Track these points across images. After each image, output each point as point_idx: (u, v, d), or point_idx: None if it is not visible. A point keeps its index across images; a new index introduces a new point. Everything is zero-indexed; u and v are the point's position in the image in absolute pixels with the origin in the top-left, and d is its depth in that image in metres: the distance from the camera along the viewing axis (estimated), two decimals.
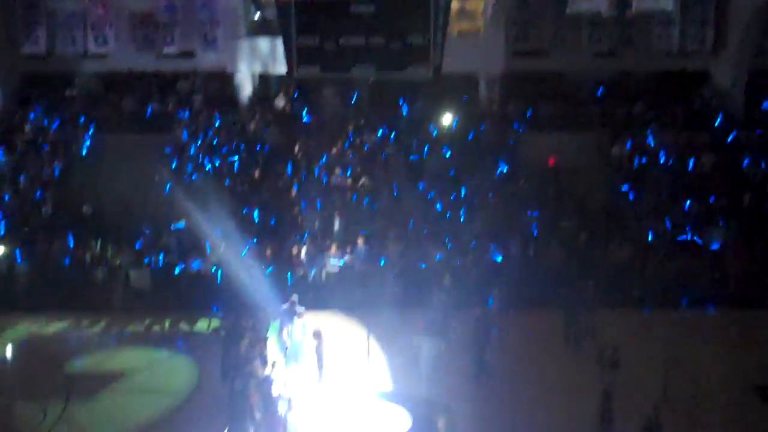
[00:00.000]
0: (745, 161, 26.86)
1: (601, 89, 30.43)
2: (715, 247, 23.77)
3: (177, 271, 23.45)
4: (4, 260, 23.91)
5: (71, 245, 24.23)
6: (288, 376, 16.74)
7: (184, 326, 21.92)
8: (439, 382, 17.32)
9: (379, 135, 28.51)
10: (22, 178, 26.97)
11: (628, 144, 27.75)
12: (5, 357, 20.84)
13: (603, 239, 24.33)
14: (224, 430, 15.19)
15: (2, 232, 24.88)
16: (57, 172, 27.77)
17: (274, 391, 14.93)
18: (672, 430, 15.24)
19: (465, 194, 25.94)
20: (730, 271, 23.19)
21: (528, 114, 29.72)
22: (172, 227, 24.97)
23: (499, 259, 23.39)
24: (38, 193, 26.55)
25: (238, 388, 15.45)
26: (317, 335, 17.37)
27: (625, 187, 26.58)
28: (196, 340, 20.95)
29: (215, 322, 21.52)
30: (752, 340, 20.37)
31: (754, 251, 23.63)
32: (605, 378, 16.21)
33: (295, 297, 18.86)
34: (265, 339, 17.91)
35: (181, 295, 23.10)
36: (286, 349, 17.91)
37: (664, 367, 17.83)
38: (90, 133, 29.67)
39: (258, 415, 14.60)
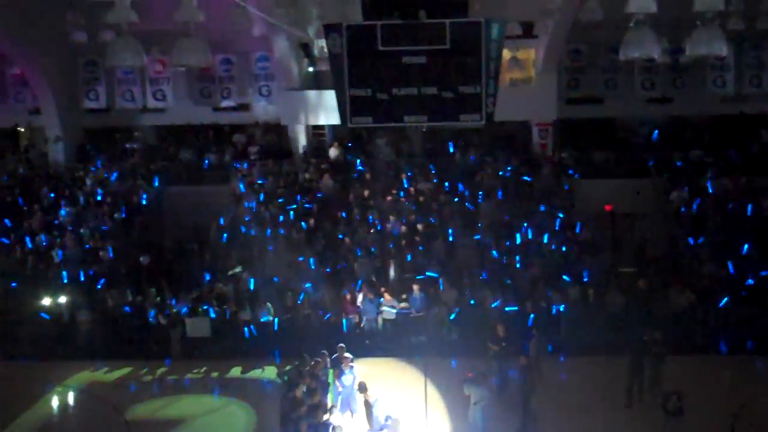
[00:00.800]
0: None
1: (656, 134, 30.29)
2: None
3: (233, 318, 23.57)
4: (66, 309, 24.37)
5: (130, 294, 24.55)
6: (343, 423, 16.65)
7: (241, 373, 21.97)
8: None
9: (432, 182, 28.63)
10: (83, 230, 27.58)
11: (686, 189, 27.44)
12: (67, 404, 21.07)
13: (663, 285, 23.94)
14: None
15: (64, 281, 25.36)
16: (117, 223, 28.32)
17: None
18: None
19: (521, 241, 25.81)
20: None
21: (582, 160, 29.65)
22: (229, 275, 25.22)
23: (559, 306, 23.10)
24: (99, 243, 27.07)
25: None
26: (362, 387, 17.25)
27: (684, 233, 26.22)
28: (254, 387, 20.97)
29: (272, 369, 21.56)
30: None
31: None
32: (670, 425, 15.83)
33: (342, 345, 18.81)
34: (323, 385, 17.84)
35: (238, 343, 23.23)
36: (339, 395, 17.82)
37: (730, 414, 17.45)
38: (149, 184, 30.31)
39: None
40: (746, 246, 24.64)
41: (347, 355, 18.23)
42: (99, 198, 29.30)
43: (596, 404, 18.89)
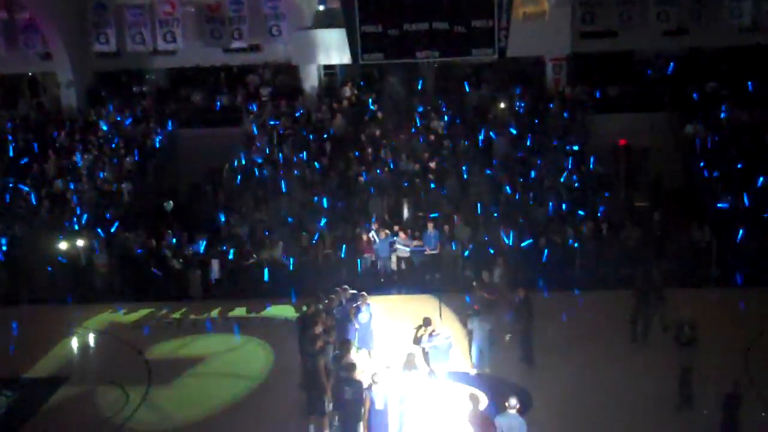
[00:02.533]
0: None
1: (671, 67, 29.90)
2: None
3: (250, 259, 23.72)
4: (83, 253, 24.54)
5: (147, 236, 24.67)
6: (361, 358, 16.83)
7: (259, 312, 22.18)
8: (493, 364, 17.30)
9: (445, 119, 28.47)
10: (98, 173, 27.66)
11: (701, 122, 27.15)
12: (88, 345, 21.36)
13: (678, 219, 23.86)
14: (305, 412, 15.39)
15: (83, 224, 25.48)
16: (130, 167, 28.36)
17: (351, 373, 14.98)
18: (753, 407, 14.94)
19: (534, 177, 25.72)
20: None
21: (597, 95, 29.38)
22: (243, 217, 25.30)
23: (573, 241, 23.06)
24: (114, 187, 27.18)
25: (316, 369, 15.59)
26: (427, 322, 17.32)
27: (699, 166, 26.03)
28: (272, 325, 21.16)
29: (289, 308, 21.79)
30: None
31: None
32: (684, 355, 15.89)
33: (345, 286, 18.78)
34: (339, 322, 17.94)
35: (255, 283, 23.42)
36: (356, 332, 17.94)
37: (746, 344, 17.56)
38: (161, 127, 30.28)
39: (337, 395, 14.73)
40: (761, 179, 24.46)
41: (362, 293, 18.32)
42: (113, 142, 29.31)
43: (607, 337, 19.00)
